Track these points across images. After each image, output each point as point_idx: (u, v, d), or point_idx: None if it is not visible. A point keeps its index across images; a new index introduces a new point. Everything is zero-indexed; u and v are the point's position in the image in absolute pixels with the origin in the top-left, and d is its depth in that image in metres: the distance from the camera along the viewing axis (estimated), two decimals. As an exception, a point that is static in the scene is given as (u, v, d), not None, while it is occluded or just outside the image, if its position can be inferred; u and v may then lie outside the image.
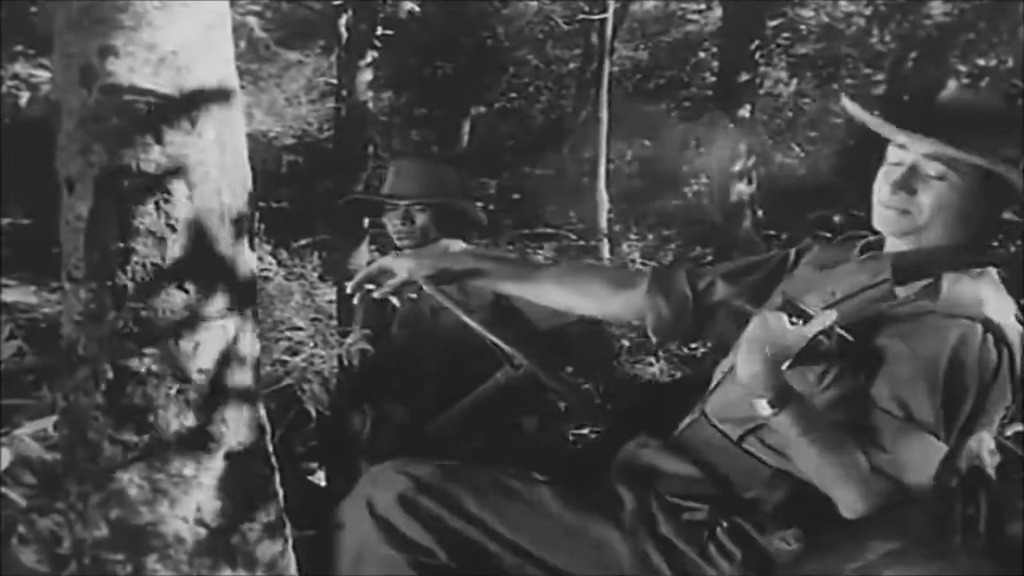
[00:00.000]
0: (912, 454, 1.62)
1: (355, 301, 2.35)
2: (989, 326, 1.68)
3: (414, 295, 2.20)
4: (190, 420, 1.51)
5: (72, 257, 1.50)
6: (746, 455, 1.83)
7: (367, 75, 6.02)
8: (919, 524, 1.52)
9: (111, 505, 1.50)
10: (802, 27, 9.66)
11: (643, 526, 1.80)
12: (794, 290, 1.92)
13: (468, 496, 1.83)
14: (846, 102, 1.96)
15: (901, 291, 1.80)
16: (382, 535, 1.79)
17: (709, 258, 7.88)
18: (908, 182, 1.79)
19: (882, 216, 1.84)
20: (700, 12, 11.20)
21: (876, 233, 1.91)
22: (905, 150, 1.80)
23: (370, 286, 2.17)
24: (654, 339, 2.16)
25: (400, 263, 2.18)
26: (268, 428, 1.63)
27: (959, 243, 1.80)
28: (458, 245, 2.92)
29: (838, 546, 1.52)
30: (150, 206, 1.46)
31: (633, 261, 7.63)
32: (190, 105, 1.47)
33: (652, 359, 5.51)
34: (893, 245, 1.87)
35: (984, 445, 1.59)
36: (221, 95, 1.52)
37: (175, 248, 1.48)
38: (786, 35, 9.65)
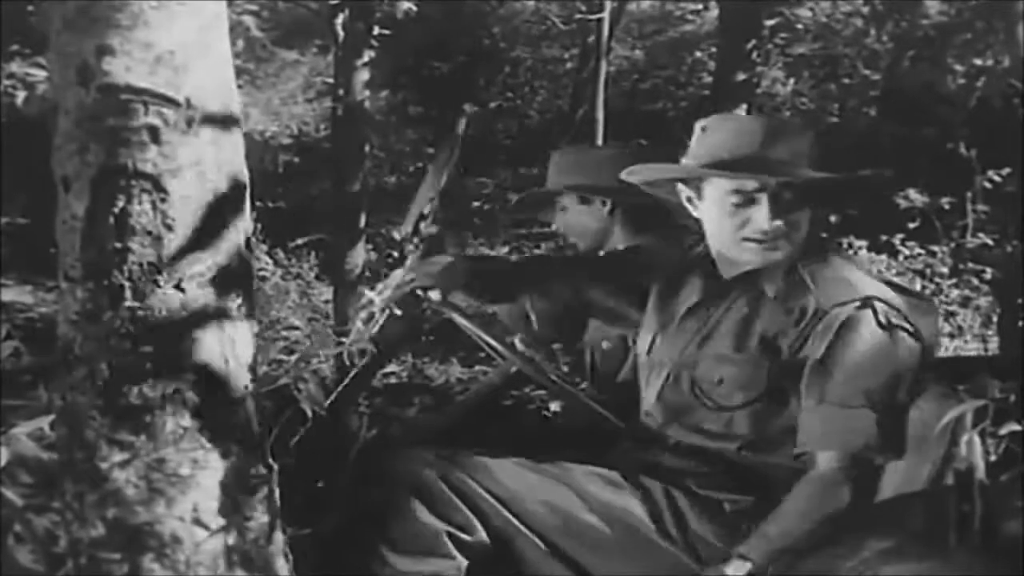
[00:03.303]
0: (841, 424, 1.75)
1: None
2: (868, 302, 1.80)
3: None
4: (186, 420, 1.51)
5: (69, 256, 1.50)
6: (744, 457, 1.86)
7: (364, 74, 6.01)
8: (915, 522, 1.52)
9: (107, 504, 1.50)
10: (799, 27, 9.65)
11: (676, 526, 1.83)
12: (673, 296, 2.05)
13: (512, 489, 1.84)
14: (627, 175, 2.05)
15: (770, 290, 1.89)
16: (425, 508, 1.81)
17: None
18: (785, 207, 1.85)
19: (756, 250, 1.89)
20: (697, 12, 11.20)
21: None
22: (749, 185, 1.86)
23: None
24: (536, 331, 2.28)
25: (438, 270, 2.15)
26: (265, 427, 1.64)
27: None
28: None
29: (835, 543, 1.53)
30: (147, 206, 1.46)
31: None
32: (187, 105, 1.48)
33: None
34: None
35: (975, 448, 1.60)
36: (218, 95, 1.52)
37: (171, 248, 1.48)
38: (783, 35, 9.64)
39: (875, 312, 1.80)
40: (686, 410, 1.95)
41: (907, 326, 1.81)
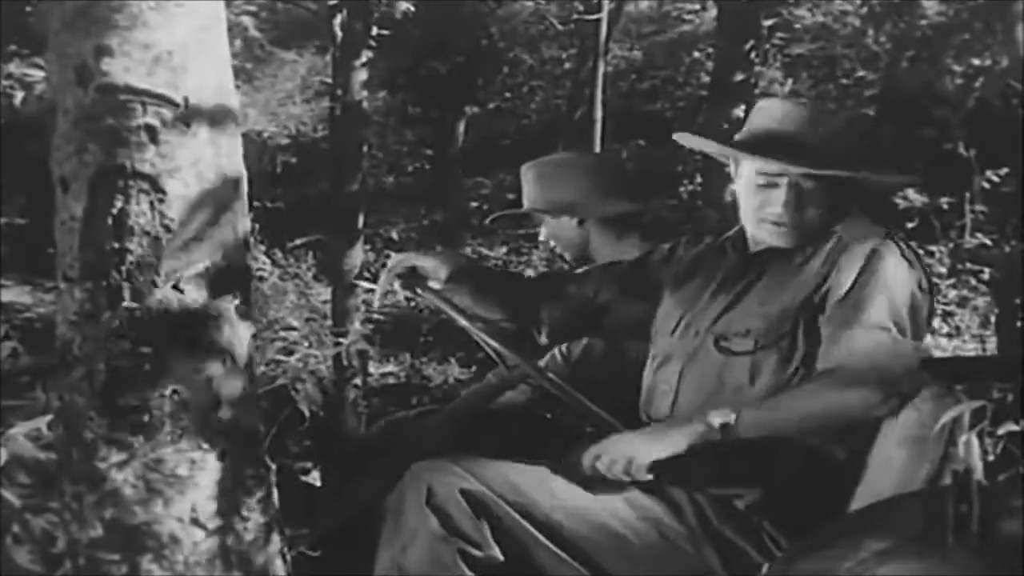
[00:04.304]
0: (869, 343, 1.80)
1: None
2: (892, 235, 1.91)
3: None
4: (185, 420, 1.51)
5: (67, 257, 1.50)
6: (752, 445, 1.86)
7: (362, 75, 6.01)
8: (913, 522, 1.52)
9: (106, 505, 1.50)
10: (797, 27, 9.66)
11: (700, 524, 1.81)
12: (684, 286, 2.11)
13: (534, 499, 1.79)
14: (679, 137, 2.14)
15: (795, 258, 1.95)
16: (438, 521, 1.75)
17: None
18: (799, 201, 1.92)
19: (772, 232, 1.97)
20: (695, 12, 11.21)
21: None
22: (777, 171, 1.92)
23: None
24: (546, 342, 2.28)
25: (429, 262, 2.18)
26: (263, 428, 1.64)
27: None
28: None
29: (832, 544, 1.53)
30: (145, 206, 1.46)
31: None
32: (185, 105, 1.48)
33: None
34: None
35: (973, 448, 1.60)
36: (216, 96, 1.52)
37: (170, 248, 1.48)
38: (781, 35, 9.64)
39: (899, 244, 1.89)
40: (707, 379, 1.95)
41: (921, 263, 1.91)
